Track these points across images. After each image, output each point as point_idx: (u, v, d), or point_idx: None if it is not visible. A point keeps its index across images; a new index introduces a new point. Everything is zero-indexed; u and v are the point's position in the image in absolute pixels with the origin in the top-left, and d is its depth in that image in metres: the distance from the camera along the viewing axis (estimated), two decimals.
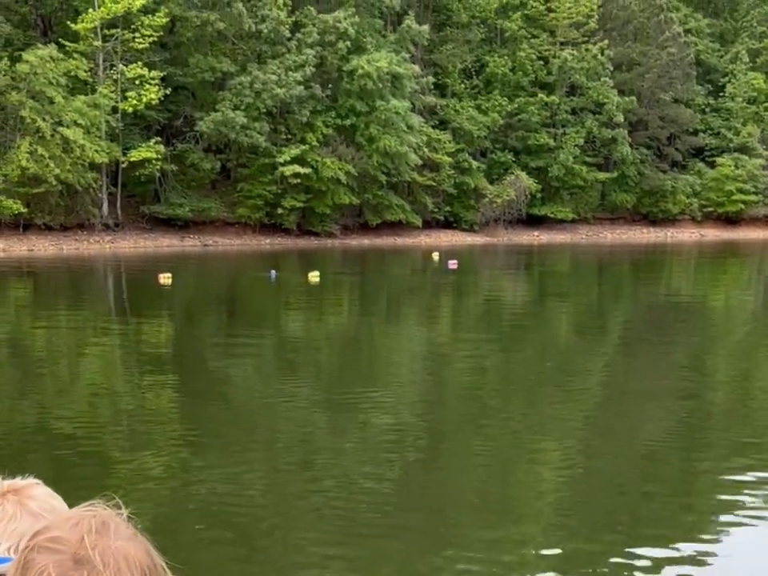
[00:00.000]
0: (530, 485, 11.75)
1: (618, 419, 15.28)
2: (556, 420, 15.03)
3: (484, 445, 13.52)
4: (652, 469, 12.36)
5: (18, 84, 53.09)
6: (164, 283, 35.83)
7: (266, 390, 17.35)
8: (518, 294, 38.09)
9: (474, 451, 13.23)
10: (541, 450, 13.32)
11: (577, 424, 15.02)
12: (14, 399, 16.53)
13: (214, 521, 9.90)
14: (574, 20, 75.20)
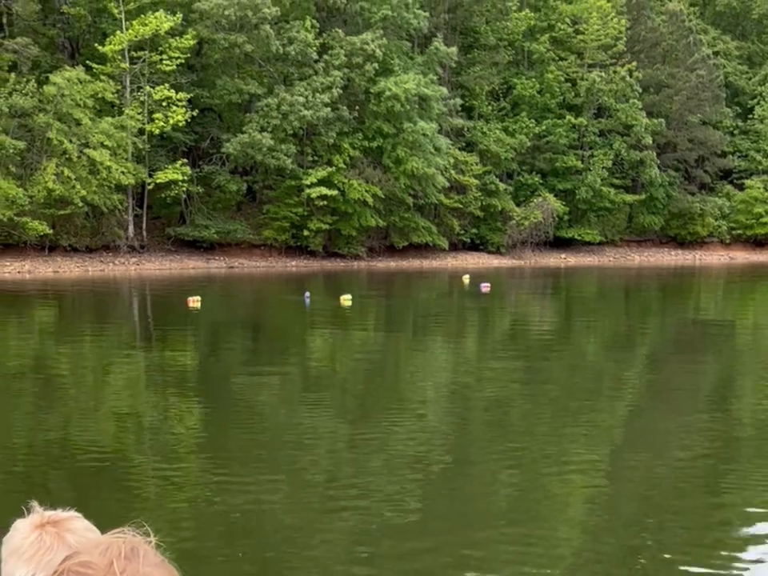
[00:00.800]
0: (557, 506, 11.72)
1: (646, 440, 15.16)
2: (582, 443, 14.97)
3: (510, 465, 13.48)
4: (680, 491, 12.26)
5: (46, 106, 53.00)
6: (193, 307, 35.37)
7: (297, 412, 16.84)
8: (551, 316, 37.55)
9: (500, 472, 13.17)
10: (567, 472, 13.21)
11: (604, 446, 14.95)
12: (38, 421, 16.40)
13: (239, 541, 9.92)
14: (602, 42, 74.66)
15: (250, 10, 56.28)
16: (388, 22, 61.88)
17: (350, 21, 63.21)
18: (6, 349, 27.49)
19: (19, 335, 30.59)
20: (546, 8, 76.98)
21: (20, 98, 51.74)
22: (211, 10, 56.63)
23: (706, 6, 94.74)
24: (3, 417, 17.04)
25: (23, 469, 13.57)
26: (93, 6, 57.38)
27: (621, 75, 74.37)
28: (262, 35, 57.03)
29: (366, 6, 62.12)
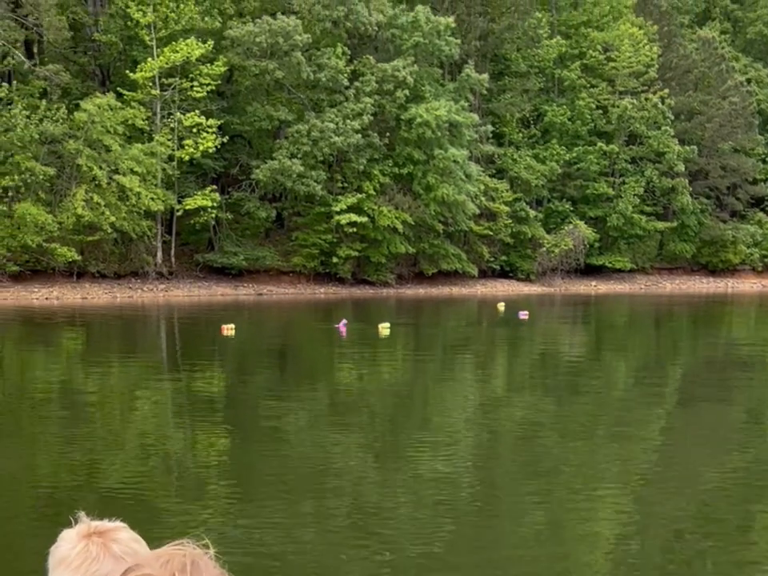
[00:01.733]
0: (585, 538, 11.68)
1: (675, 473, 15.01)
2: (611, 473, 14.93)
3: (538, 498, 13.39)
4: (709, 524, 12.15)
5: (76, 132, 52.96)
6: (227, 334, 34.91)
7: (333, 443, 16.44)
8: (590, 346, 37.10)
9: (528, 504, 13.09)
10: (595, 503, 13.17)
11: (633, 477, 14.82)
12: (64, 447, 16.52)
13: (264, 573, 9.99)
14: (633, 69, 74.11)
15: (281, 37, 56.15)
16: (419, 49, 61.59)
17: (381, 48, 62.97)
18: (33, 375, 27.43)
19: (47, 362, 30.36)
20: (578, 35, 76.59)
21: (50, 124, 51.70)
22: (242, 37, 56.53)
23: (737, 33, 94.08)
24: (30, 442, 17.22)
25: (49, 492, 13.68)
26: (124, 34, 57.40)
27: (653, 102, 73.72)
28: (293, 62, 56.85)
29: (398, 33, 61.89)
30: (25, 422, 19.32)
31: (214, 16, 57.59)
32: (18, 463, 15.73)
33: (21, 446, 17.15)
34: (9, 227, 51.24)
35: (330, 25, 59.15)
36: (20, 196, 51.25)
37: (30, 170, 50.85)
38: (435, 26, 61.45)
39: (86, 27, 58.37)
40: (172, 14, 55.62)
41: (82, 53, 60.26)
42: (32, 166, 50.92)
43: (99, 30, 57.26)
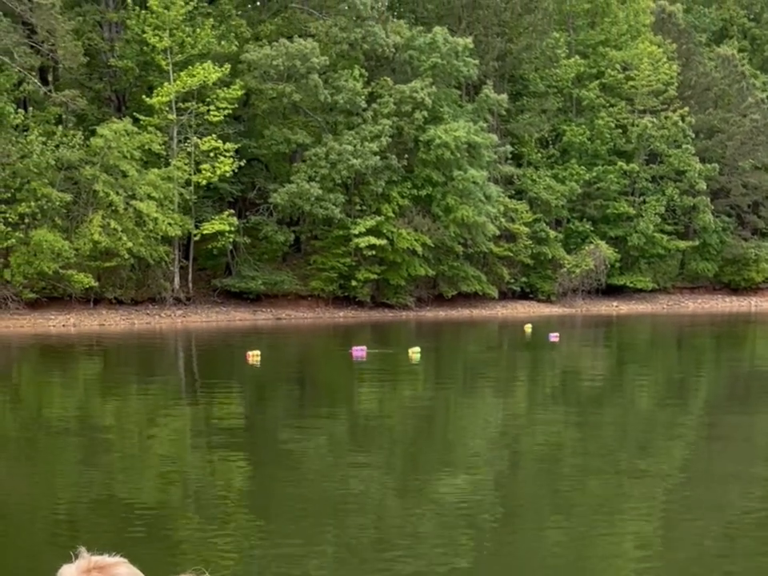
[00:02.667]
0: (606, 566, 11.59)
1: (698, 498, 14.87)
2: (633, 498, 14.72)
3: (560, 523, 13.25)
4: (734, 547, 11.98)
5: (92, 158, 52.57)
6: (253, 362, 34.26)
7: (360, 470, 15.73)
8: (631, 368, 36.40)
9: (550, 529, 12.97)
10: (617, 529, 13.01)
11: (655, 503, 14.64)
12: (82, 475, 16.50)
13: None
14: (653, 88, 73.40)
15: (298, 60, 55.72)
16: (437, 70, 61.04)
17: (398, 69, 62.45)
18: (51, 403, 27.25)
19: (65, 389, 30.05)
20: (596, 55, 75.98)
21: (67, 150, 51.33)
22: (259, 61, 56.12)
23: (755, 51, 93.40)
24: (48, 471, 17.19)
25: (67, 521, 13.69)
26: (140, 59, 57.07)
27: (673, 120, 72.99)
28: (310, 84, 56.38)
29: (415, 54, 61.37)
30: (42, 450, 19.27)
31: (231, 40, 57.21)
32: (36, 490, 15.73)
33: (38, 473, 17.15)
34: (25, 254, 50.79)
35: (347, 47, 58.70)
36: (36, 223, 50.82)
37: (47, 196, 50.44)
38: (453, 46, 60.91)
39: (102, 53, 58.07)
40: (188, 38, 55.26)
41: (98, 79, 59.92)
42: (48, 192, 50.52)
43: (115, 56, 56.94)
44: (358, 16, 58.62)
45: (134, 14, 55.32)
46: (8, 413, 25.48)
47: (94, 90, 58.72)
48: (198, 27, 55.70)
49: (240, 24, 58.64)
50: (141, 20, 55.10)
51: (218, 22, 57.23)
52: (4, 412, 25.61)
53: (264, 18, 62.37)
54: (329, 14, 60.86)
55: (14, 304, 51.22)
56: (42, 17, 46.51)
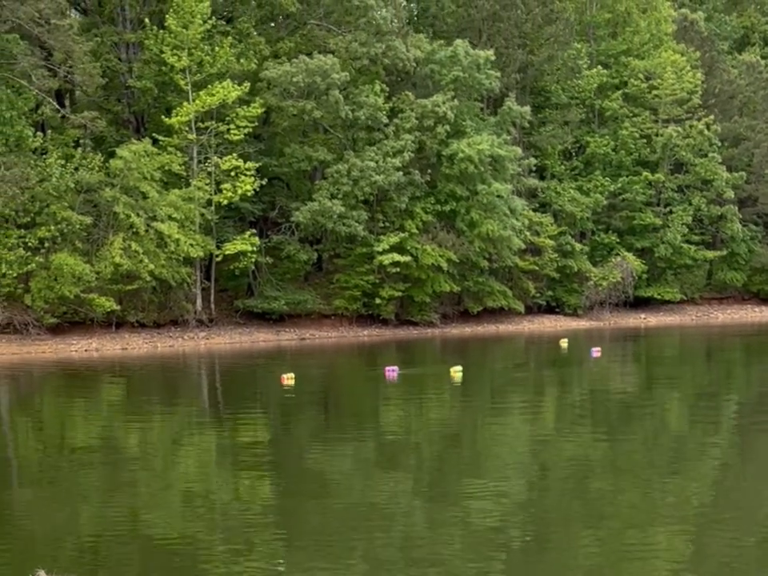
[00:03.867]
0: None
1: (731, 510, 14.70)
2: (666, 510, 14.65)
3: (591, 536, 13.17)
4: (763, 565, 11.89)
5: (112, 180, 51.91)
6: (287, 384, 33.59)
7: None
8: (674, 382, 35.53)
9: (581, 544, 12.85)
10: (649, 540, 12.80)
11: (688, 516, 14.52)
12: (106, 499, 16.42)
13: None
14: (677, 96, 72.27)
15: (318, 76, 54.95)
16: (459, 83, 60.18)
17: (419, 83, 61.69)
18: (74, 429, 26.69)
19: (89, 415, 29.56)
20: (618, 65, 74.96)
21: (86, 173, 50.68)
22: (279, 78, 55.39)
23: None
24: (72, 498, 17.03)
25: (91, 549, 13.54)
26: (158, 80, 56.45)
27: (698, 129, 71.83)
28: (331, 101, 55.58)
29: (436, 68, 60.54)
30: (66, 477, 19.20)
31: (250, 58, 56.51)
32: (59, 518, 15.55)
33: (62, 498, 17.02)
34: (45, 279, 50.14)
35: (368, 62, 57.89)
36: (56, 246, 50.17)
37: (66, 219, 49.79)
38: (474, 59, 60.06)
39: (120, 75, 57.51)
40: (207, 57, 54.59)
41: (116, 101, 59.41)
42: (68, 215, 49.87)
43: (133, 77, 56.34)
44: (378, 31, 57.85)
45: (152, 34, 54.73)
46: (31, 439, 25.26)
47: (111, 112, 58.16)
48: (217, 46, 55.01)
49: (258, 42, 57.93)
50: (159, 40, 54.50)
51: (236, 40, 56.55)
52: (27, 439, 25.41)
53: (282, 36, 61.69)
54: (348, 29, 60.11)
55: (35, 329, 50.58)
56: (59, 38, 45.95)
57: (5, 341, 49.70)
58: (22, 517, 16.12)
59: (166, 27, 54.09)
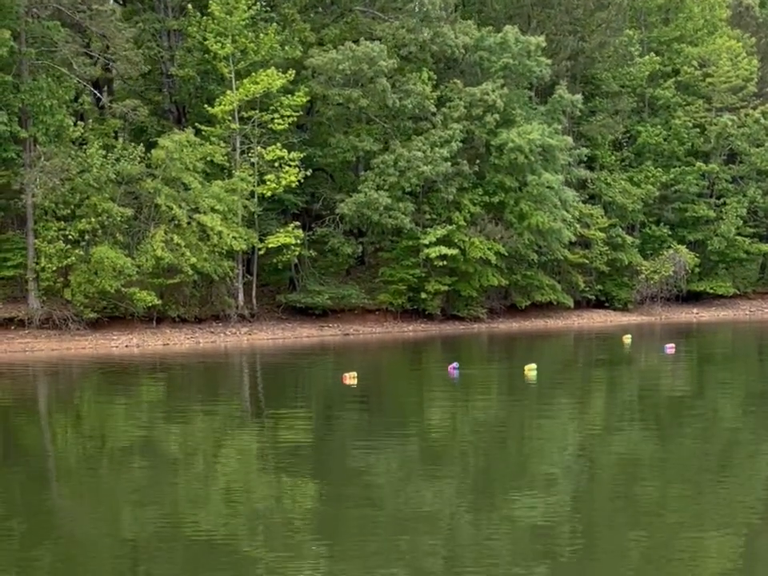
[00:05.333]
0: None
1: None
2: (716, 515, 14.48)
3: (639, 540, 13.01)
4: None
5: (153, 171, 50.49)
6: (350, 383, 32.14)
7: None
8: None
9: (629, 547, 12.77)
10: (699, 546, 12.71)
11: (738, 519, 14.30)
12: (147, 498, 16.35)
13: None
14: (732, 84, 69.86)
15: (365, 64, 53.18)
16: (509, 71, 58.22)
17: (468, 71, 59.76)
18: (114, 428, 26.04)
19: (131, 413, 28.63)
20: (670, 52, 72.57)
21: (127, 163, 49.27)
22: (325, 65, 53.69)
23: None
24: (112, 493, 17.07)
25: (132, 550, 13.50)
26: (200, 68, 54.95)
27: (754, 118, 69.42)
28: (378, 89, 53.80)
29: (486, 55, 58.62)
30: (107, 476, 19.12)
31: (294, 45, 54.84)
32: (100, 518, 15.50)
33: (103, 500, 16.88)
34: (86, 272, 48.82)
35: (416, 49, 56.03)
36: (97, 239, 48.77)
37: (107, 211, 48.44)
38: (525, 46, 58.10)
39: (161, 63, 56.10)
40: (251, 44, 52.99)
41: (156, 90, 58.01)
42: (109, 207, 48.51)
43: (175, 65, 54.89)
44: (425, 17, 56.01)
45: (195, 21, 53.23)
46: (71, 439, 24.60)
47: (152, 102, 56.61)
48: (261, 32, 53.38)
49: (303, 29, 56.25)
50: (202, 27, 53.00)
51: (280, 27, 54.85)
52: (66, 438, 24.75)
53: (327, 23, 59.97)
54: (395, 16, 58.30)
55: (75, 324, 49.32)
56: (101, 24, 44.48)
57: (44, 336, 48.52)
58: (61, 517, 15.88)
59: (209, 13, 52.57)
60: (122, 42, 45.90)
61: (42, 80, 46.45)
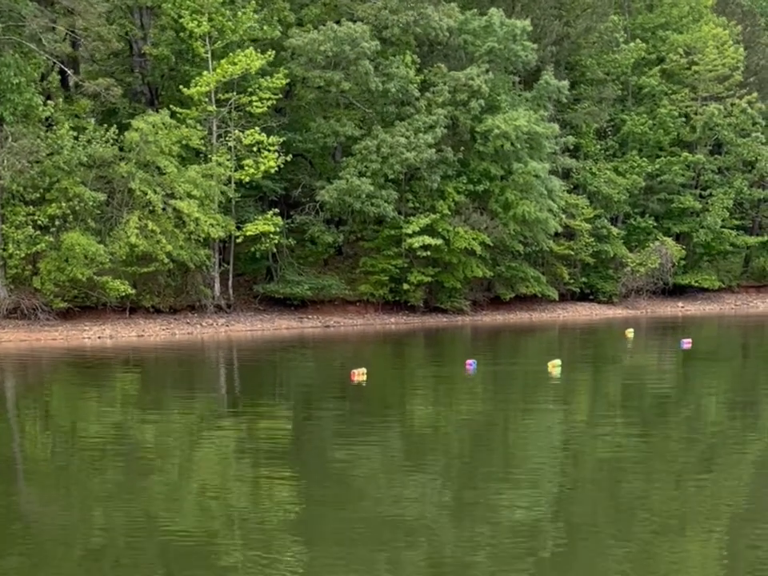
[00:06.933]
0: None
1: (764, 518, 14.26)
2: (701, 514, 14.48)
3: (625, 541, 13.00)
4: None
5: (127, 154, 48.24)
6: (358, 380, 30.18)
7: None
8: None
9: (614, 547, 12.75)
10: (685, 547, 12.74)
11: (724, 520, 14.33)
12: (120, 496, 15.91)
13: None
14: (718, 73, 68.51)
15: (347, 45, 51.19)
16: (494, 55, 56.41)
17: (452, 55, 57.91)
18: (86, 422, 24.83)
19: (107, 408, 27.08)
20: (654, 39, 71.11)
21: (99, 146, 47.00)
22: (305, 46, 51.62)
23: None
24: (83, 495, 16.39)
25: (103, 550, 13.09)
26: (175, 48, 52.67)
27: (741, 108, 68.14)
28: (360, 71, 51.82)
29: (470, 38, 56.79)
30: (77, 473, 18.48)
31: (274, 25, 52.73)
32: (70, 517, 14.98)
33: (73, 498, 16.37)
34: (56, 260, 46.53)
35: (398, 31, 54.09)
36: (67, 225, 46.45)
37: (78, 196, 46.14)
38: (510, 29, 56.34)
39: (134, 42, 53.83)
40: (228, 22, 50.84)
41: (128, 70, 55.72)
42: (80, 191, 46.23)
43: (149, 44, 52.63)
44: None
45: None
46: (40, 434, 23.60)
47: (123, 82, 54.20)
48: (239, 11, 51.23)
49: (283, 8, 54.08)
50: (177, 4, 50.69)
51: (259, 5, 52.68)
52: (36, 433, 23.76)
53: (306, 2, 57.86)
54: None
55: (44, 314, 47.07)
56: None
57: (12, 327, 46.16)
58: (29, 518, 15.22)
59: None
60: (94, 17, 43.55)
61: (9, 56, 44.06)
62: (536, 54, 58.58)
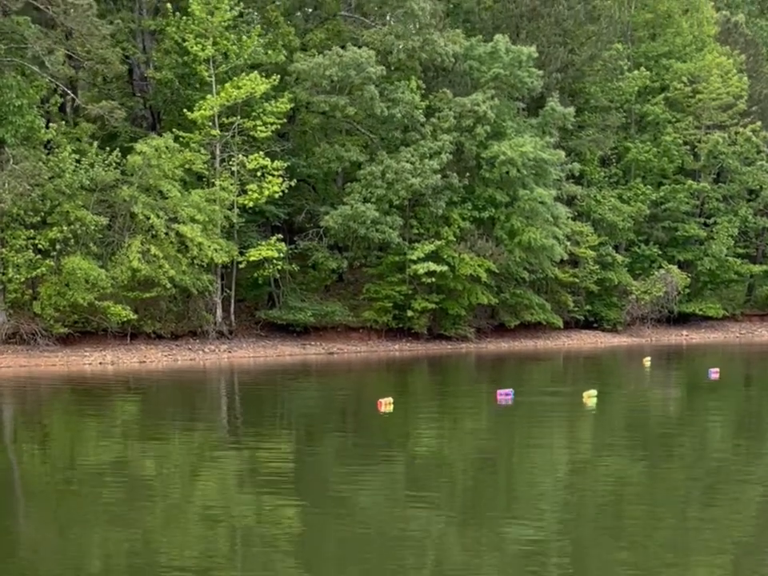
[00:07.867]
0: None
1: None
2: (703, 540, 14.41)
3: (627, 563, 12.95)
4: None
5: (130, 178, 47.67)
6: (385, 410, 29.08)
7: None
8: None
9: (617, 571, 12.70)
10: (687, 571, 12.78)
11: (726, 546, 14.16)
12: (120, 526, 15.52)
13: None
14: (722, 101, 68.27)
15: (353, 70, 50.79)
16: (499, 81, 56.06)
17: (457, 81, 57.53)
18: (86, 451, 24.16)
19: (105, 437, 26.12)
20: (658, 67, 70.88)
21: (102, 169, 46.45)
22: (310, 71, 51.20)
23: None
24: (81, 526, 15.99)
25: (102, 571, 13.01)
26: (178, 72, 52.28)
27: (745, 136, 67.86)
28: (365, 96, 51.38)
29: (475, 64, 56.49)
30: (75, 503, 17.78)
31: (279, 49, 52.35)
32: (67, 548, 14.64)
33: (71, 529, 15.87)
34: (56, 284, 45.88)
35: (404, 56, 53.73)
36: (69, 249, 45.82)
37: (80, 219, 45.56)
38: (516, 55, 56.05)
39: (137, 65, 53.43)
40: (233, 46, 50.46)
41: (128, 94, 55.29)
42: (82, 215, 45.65)
43: (152, 67, 52.21)
44: (415, 23, 53.77)
45: (174, 21, 50.58)
46: (38, 463, 22.88)
47: (125, 106, 53.67)
48: (244, 35, 50.86)
49: (288, 32, 53.76)
50: (181, 27, 50.36)
51: (264, 30, 52.34)
52: (34, 462, 23.06)
53: (311, 27, 57.59)
54: (381, 21, 56.10)
55: (44, 340, 46.39)
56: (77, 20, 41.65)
57: (11, 352, 45.46)
58: (26, 548, 14.73)
59: (190, 13, 49.90)
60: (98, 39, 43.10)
61: (11, 78, 43.60)
62: (541, 81, 58.25)
